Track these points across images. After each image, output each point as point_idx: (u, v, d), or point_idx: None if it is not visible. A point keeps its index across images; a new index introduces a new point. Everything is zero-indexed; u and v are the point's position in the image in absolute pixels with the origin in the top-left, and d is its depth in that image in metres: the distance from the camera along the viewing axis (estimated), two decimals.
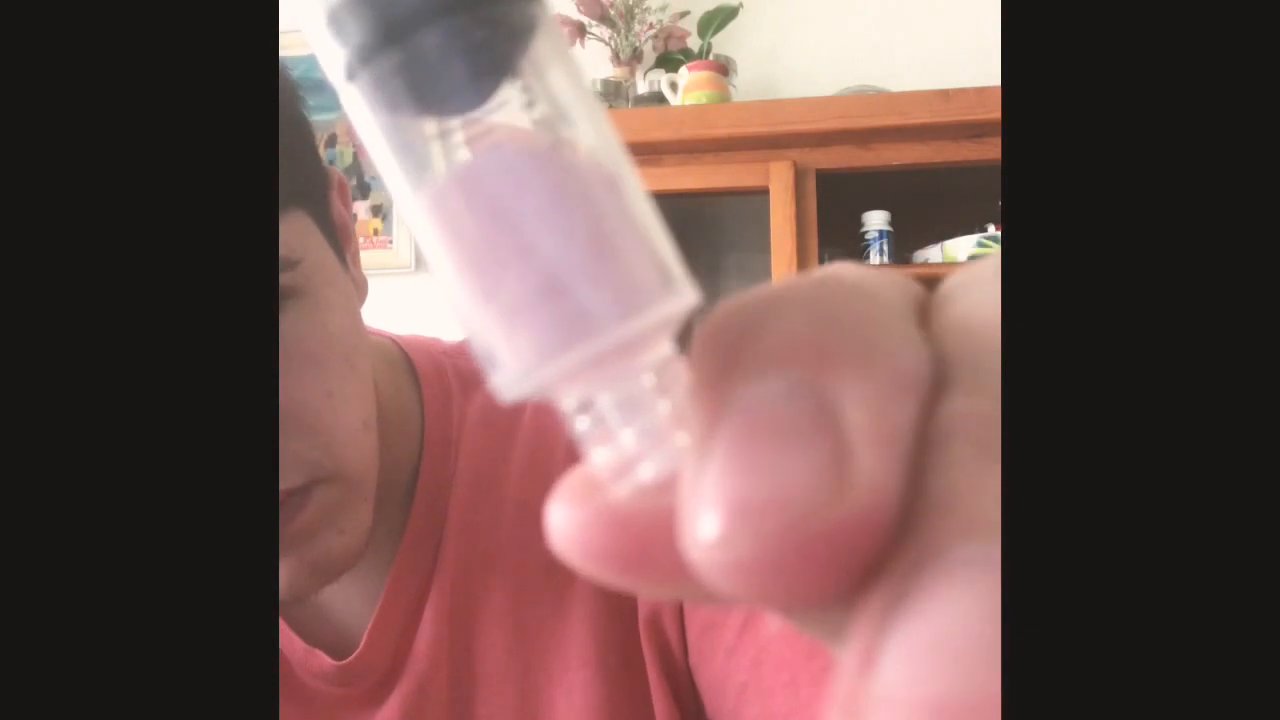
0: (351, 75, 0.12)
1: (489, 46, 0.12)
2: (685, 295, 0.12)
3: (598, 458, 0.13)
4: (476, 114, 0.12)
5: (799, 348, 0.11)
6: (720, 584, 0.10)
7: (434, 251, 0.12)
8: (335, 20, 0.12)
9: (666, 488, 0.11)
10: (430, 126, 0.12)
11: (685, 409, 0.12)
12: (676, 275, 0.12)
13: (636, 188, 0.13)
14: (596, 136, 0.12)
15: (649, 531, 0.11)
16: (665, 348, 0.12)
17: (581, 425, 0.13)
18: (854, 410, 0.10)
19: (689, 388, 0.11)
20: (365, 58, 0.12)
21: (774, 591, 0.10)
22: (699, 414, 0.11)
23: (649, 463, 0.12)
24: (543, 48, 0.12)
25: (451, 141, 0.12)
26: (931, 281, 0.17)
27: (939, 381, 0.11)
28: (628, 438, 0.12)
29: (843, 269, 0.13)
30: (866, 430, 0.10)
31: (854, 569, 0.10)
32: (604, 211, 0.12)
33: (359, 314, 0.54)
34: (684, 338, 0.13)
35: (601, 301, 0.12)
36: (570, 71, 0.12)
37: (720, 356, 0.11)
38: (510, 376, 0.12)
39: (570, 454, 0.56)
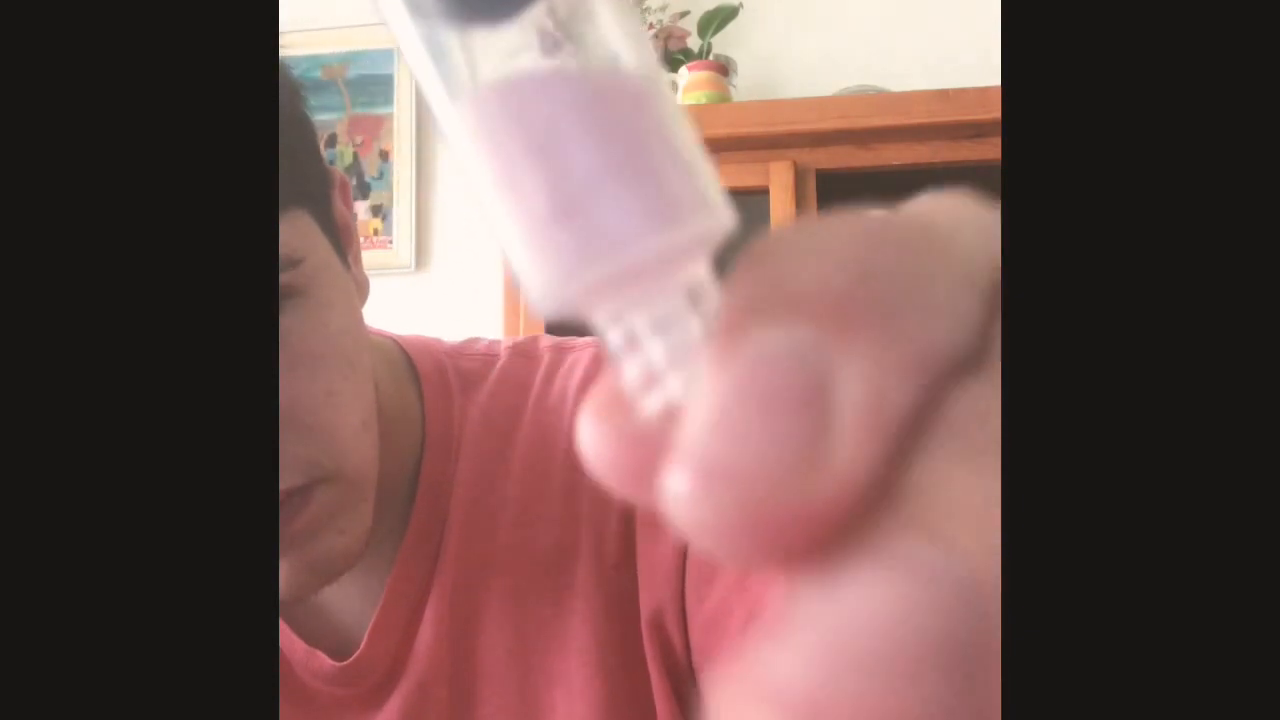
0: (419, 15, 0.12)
1: None
2: (720, 216, 0.12)
3: (627, 372, 0.12)
4: (509, 25, 0.12)
5: (823, 302, 0.10)
6: (685, 534, 0.10)
7: (471, 164, 0.12)
8: None
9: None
10: (469, 40, 0.12)
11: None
12: (713, 195, 0.12)
13: (674, 109, 0.13)
14: (635, 55, 0.12)
15: (666, 452, 0.11)
16: (700, 269, 0.12)
17: (614, 340, 0.13)
18: (851, 387, 0.10)
19: (717, 313, 0.11)
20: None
21: (731, 553, 0.10)
22: (713, 349, 0.11)
23: (676, 379, 0.12)
24: None
25: (489, 57, 0.12)
26: None
27: (979, 356, 0.11)
28: (657, 353, 0.12)
29: (937, 206, 0.12)
30: (857, 412, 0.10)
31: (814, 546, 0.10)
32: (638, 129, 0.12)
33: (360, 314, 0.54)
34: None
35: (634, 215, 0.12)
36: None
37: (748, 291, 0.11)
38: (542, 290, 0.12)
39: (570, 454, 0.56)
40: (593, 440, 0.12)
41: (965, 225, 0.12)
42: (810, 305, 0.10)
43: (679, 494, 0.10)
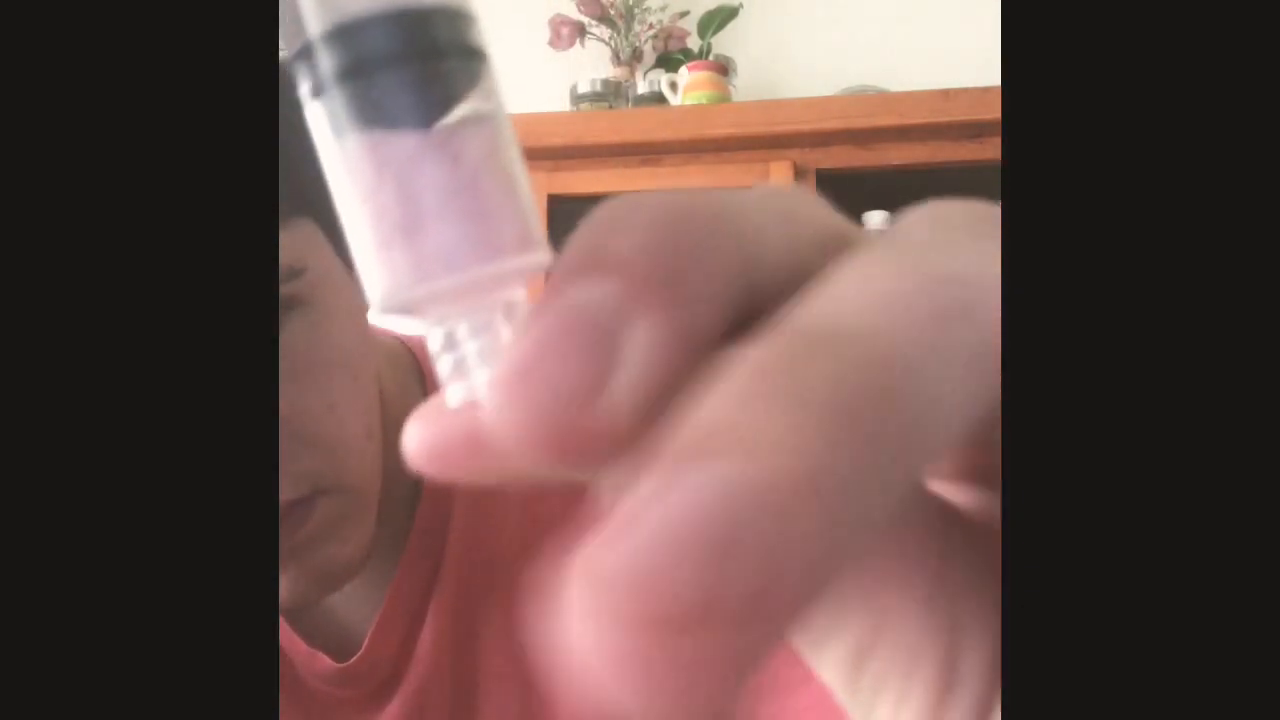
0: (316, 94, 0.15)
1: (439, 87, 0.15)
2: (539, 253, 0.15)
3: (441, 367, 0.15)
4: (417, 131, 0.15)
5: (629, 266, 0.13)
6: (496, 436, 0.13)
7: (337, 186, 0.15)
8: (307, 49, 0.15)
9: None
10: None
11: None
12: (535, 233, 0.15)
13: (515, 150, 0.16)
14: (500, 129, 0.15)
15: (472, 432, 0.14)
16: (519, 292, 0.15)
17: (434, 339, 0.16)
18: (638, 338, 0.12)
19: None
20: (329, 85, 0.15)
21: (530, 454, 0.12)
22: (544, 295, 0.13)
23: (482, 375, 0.15)
24: (482, 88, 0.15)
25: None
26: None
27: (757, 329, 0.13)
28: (469, 352, 0.15)
29: (743, 194, 0.14)
30: (635, 360, 0.12)
31: (596, 458, 0.13)
32: (480, 172, 0.15)
33: (364, 320, 0.54)
34: None
35: (465, 245, 0.15)
36: (489, 98, 0.15)
37: (576, 254, 0.13)
38: (382, 294, 0.15)
39: None
40: (412, 439, 0.15)
41: (750, 205, 0.14)
42: (619, 268, 0.13)
43: (493, 405, 0.12)
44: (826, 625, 0.16)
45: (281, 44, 0.15)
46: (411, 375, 0.60)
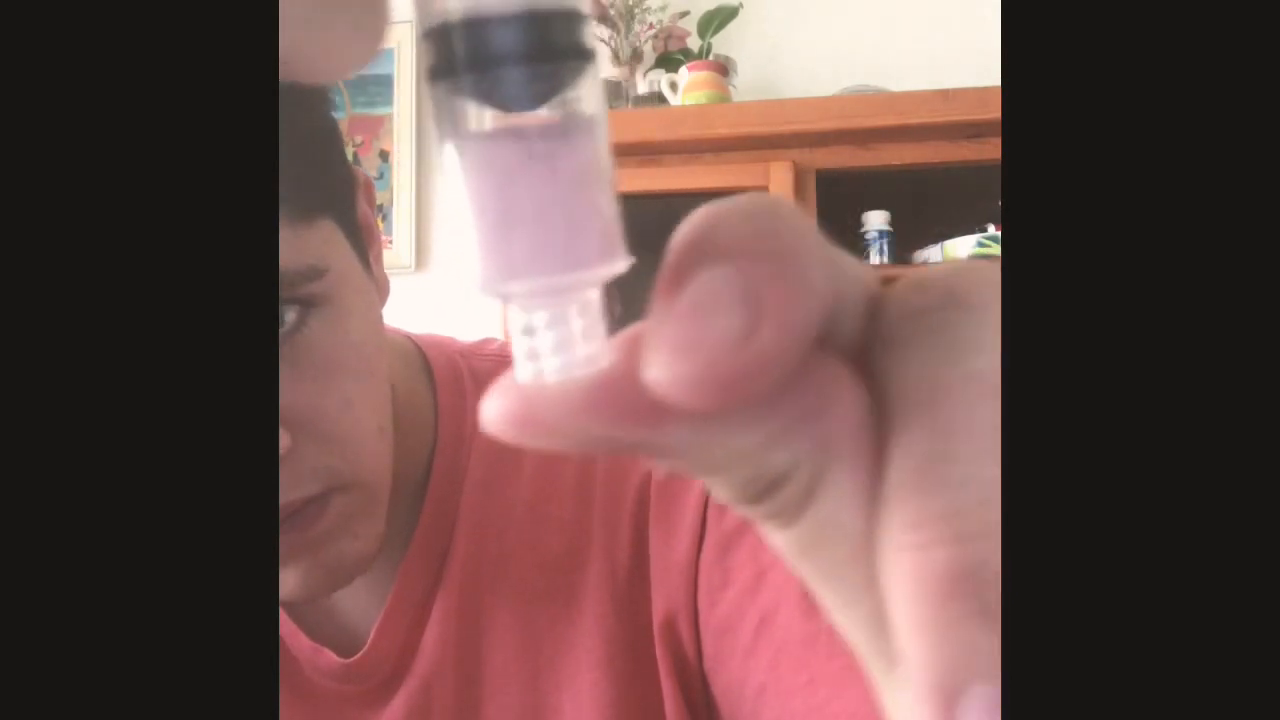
0: (433, 79, 0.17)
1: (548, 82, 0.17)
2: (617, 263, 0.17)
3: (517, 349, 0.17)
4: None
5: (741, 248, 0.15)
6: (664, 393, 0.15)
7: (455, 184, 0.17)
8: (432, 35, 0.16)
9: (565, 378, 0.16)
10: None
11: (593, 329, 0.17)
12: (616, 243, 0.17)
13: (607, 160, 0.17)
14: (596, 140, 0.17)
15: (547, 403, 0.16)
16: (594, 293, 0.18)
17: (516, 324, 0.17)
18: (769, 297, 0.15)
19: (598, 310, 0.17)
20: (449, 73, 0.16)
21: (694, 400, 0.15)
22: (666, 285, 0.16)
23: (551, 362, 0.17)
24: (589, 87, 0.17)
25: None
26: None
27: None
28: (544, 341, 0.17)
29: (788, 203, 0.17)
30: (773, 313, 0.15)
31: (745, 395, 0.15)
32: (574, 184, 0.17)
33: (380, 317, 0.54)
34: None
35: (555, 250, 0.17)
36: (595, 89, 0.17)
37: (687, 246, 0.16)
38: (479, 280, 0.17)
39: (582, 456, 0.56)
40: (490, 411, 0.17)
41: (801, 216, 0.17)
42: (732, 250, 0.15)
43: (658, 364, 0.15)
44: (850, 593, 0.17)
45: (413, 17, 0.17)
46: (421, 374, 0.60)
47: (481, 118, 0.17)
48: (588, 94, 0.17)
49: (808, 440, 0.16)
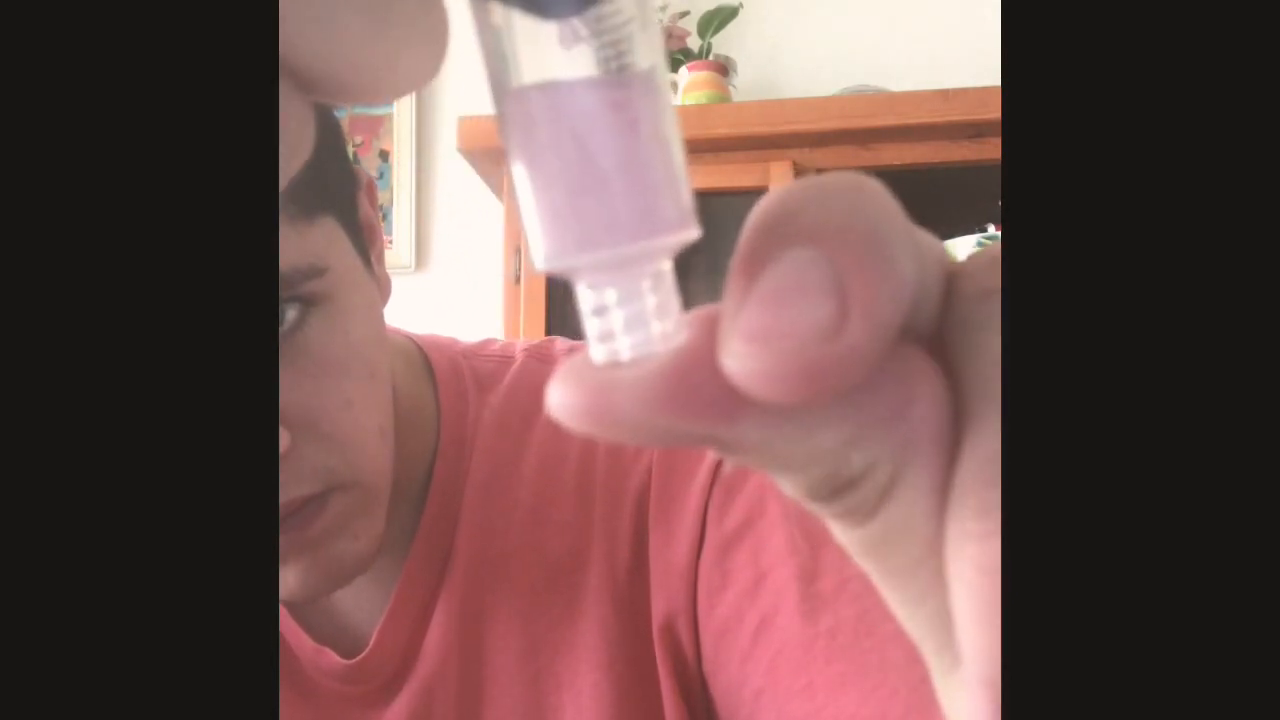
0: None
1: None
2: (690, 229, 0.16)
3: (589, 328, 0.16)
4: (574, 18, 0.15)
5: (827, 231, 0.14)
6: (744, 385, 0.14)
7: (511, 146, 0.16)
8: None
9: (635, 364, 0.15)
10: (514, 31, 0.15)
11: (667, 303, 0.16)
12: (687, 208, 0.16)
13: (672, 117, 0.16)
14: (649, 58, 0.16)
15: (619, 394, 0.15)
16: (666, 263, 0.16)
17: (586, 301, 0.16)
18: (858, 286, 0.14)
19: (670, 282, 0.16)
20: None
21: (776, 394, 0.14)
22: (744, 267, 0.15)
23: (625, 341, 0.16)
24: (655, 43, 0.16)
25: (526, 48, 0.15)
26: None
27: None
28: (617, 319, 0.16)
29: (874, 183, 0.16)
30: (862, 304, 0.14)
31: (830, 391, 0.14)
32: (643, 140, 0.15)
33: (381, 317, 0.54)
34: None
35: (625, 217, 0.15)
36: (654, 40, 0.16)
37: (768, 226, 0.15)
38: (544, 255, 0.16)
39: (582, 458, 0.56)
40: (560, 391, 0.15)
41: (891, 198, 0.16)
42: (818, 233, 0.14)
43: (737, 352, 0.14)
44: (917, 590, 0.16)
45: None
46: (422, 375, 0.60)
47: (541, 65, 0.15)
48: (646, 48, 0.16)
49: (887, 442, 0.15)
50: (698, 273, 1.41)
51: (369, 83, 0.16)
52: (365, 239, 0.54)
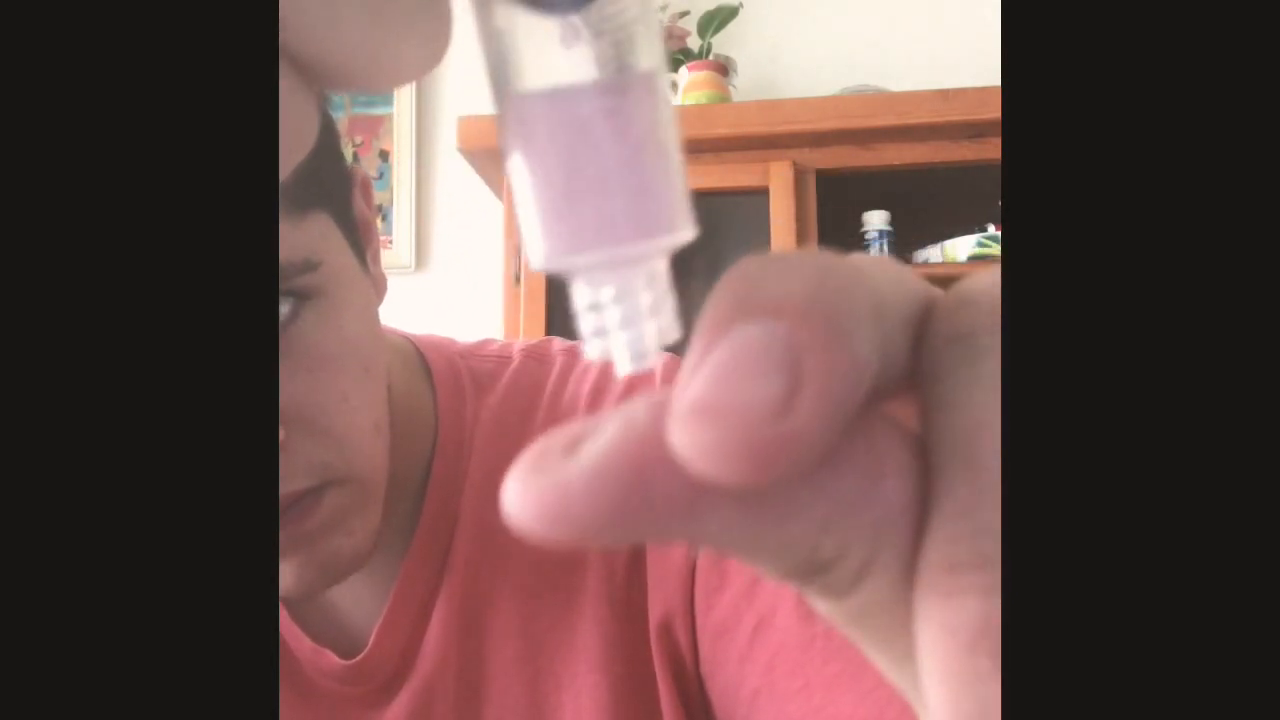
0: None
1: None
2: (685, 231, 0.16)
3: (584, 325, 0.17)
4: (573, 17, 0.16)
5: (789, 307, 0.14)
6: (691, 462, 0.14)
7: (509, 148, 0.16)
8: None
9: (592, 449, 0.14)
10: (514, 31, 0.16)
11: (661, 301, 0.16)
12: (682, 211, 0.16)
13: (671, 119, 0.16)
14: (649, 59, 0.16)
15: (572, 496, 0.14)
16: (661, 264, 0.17)
17: (581, 298, 0.17)
18: (816, 362, 0.14)
19: (669, 290, 0.16)
20: None
21: (722, 473, 0.13)
22: (703, 338, 0.14)
23: (620, 338, 0.16)
24: (654, 42, 0.16)
25: (527, 48, 0.16)
26: (931, 282, 0.17)
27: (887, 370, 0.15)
28: (612, 317, 0.16)
29: (860, 259, 0.16)
30: (814, 382, 0.14)
31: (781, 472, 0.14)
32: (639, 146, 0.16)
33: (376, 315, 0.54)
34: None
35: (621, 219, 0.16)
36: (654, 42, 0.16)
37: (731, 297, 0.14)
38: (541, 256, 0.16)
39: None
40: (516, 493, 0.14)
41: (877, 270, 0.16)
42: (778, 308, 0.14)
43: (684, 425, 0.14)
44: (900, 654, 0.16)
45: None
46: (420, 375, 0.60)
47: (541, 66, 0.16)
48: (646, 48, 0.16)
49: (859, 526, 0.15)
50: (698, 273, 1.41)
51: (371, 70, 0.15)
52: (360, 237, 0.54)
